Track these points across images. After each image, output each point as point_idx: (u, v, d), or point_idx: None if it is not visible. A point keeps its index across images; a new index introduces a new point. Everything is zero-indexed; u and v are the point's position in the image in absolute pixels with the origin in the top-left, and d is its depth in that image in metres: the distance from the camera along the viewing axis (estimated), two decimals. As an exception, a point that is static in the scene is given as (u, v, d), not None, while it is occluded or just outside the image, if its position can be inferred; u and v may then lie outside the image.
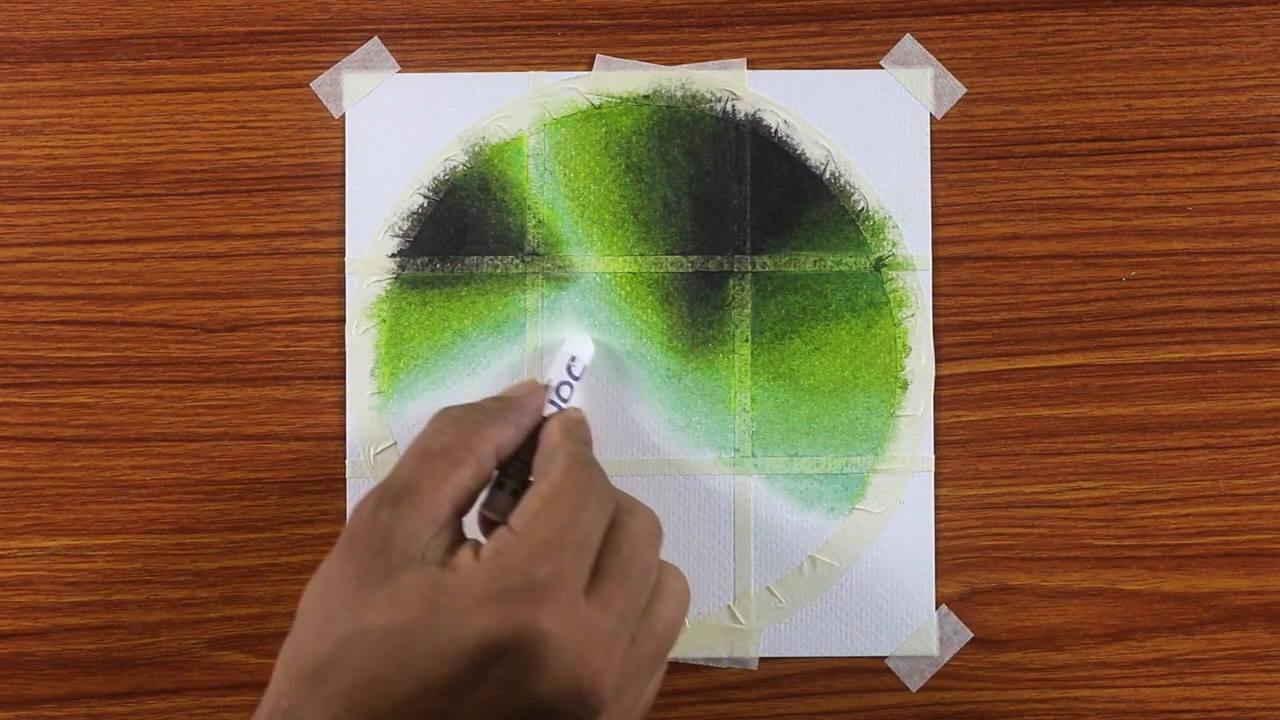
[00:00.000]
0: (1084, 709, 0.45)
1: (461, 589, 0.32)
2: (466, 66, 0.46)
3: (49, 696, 0.45)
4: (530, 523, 0.34)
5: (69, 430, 0.45)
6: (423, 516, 0.34)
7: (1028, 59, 0.46)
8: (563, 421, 0.39)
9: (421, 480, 0.34)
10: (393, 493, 0.34)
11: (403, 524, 0.33)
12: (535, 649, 0.31)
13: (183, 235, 0.45)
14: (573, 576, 0.33)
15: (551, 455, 0.37)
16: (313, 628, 0.33)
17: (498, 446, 0.37)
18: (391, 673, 0.31)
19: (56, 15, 0.46)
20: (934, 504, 0.45)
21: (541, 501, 0.34)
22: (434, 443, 0.36)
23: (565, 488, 0.34)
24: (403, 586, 0.32)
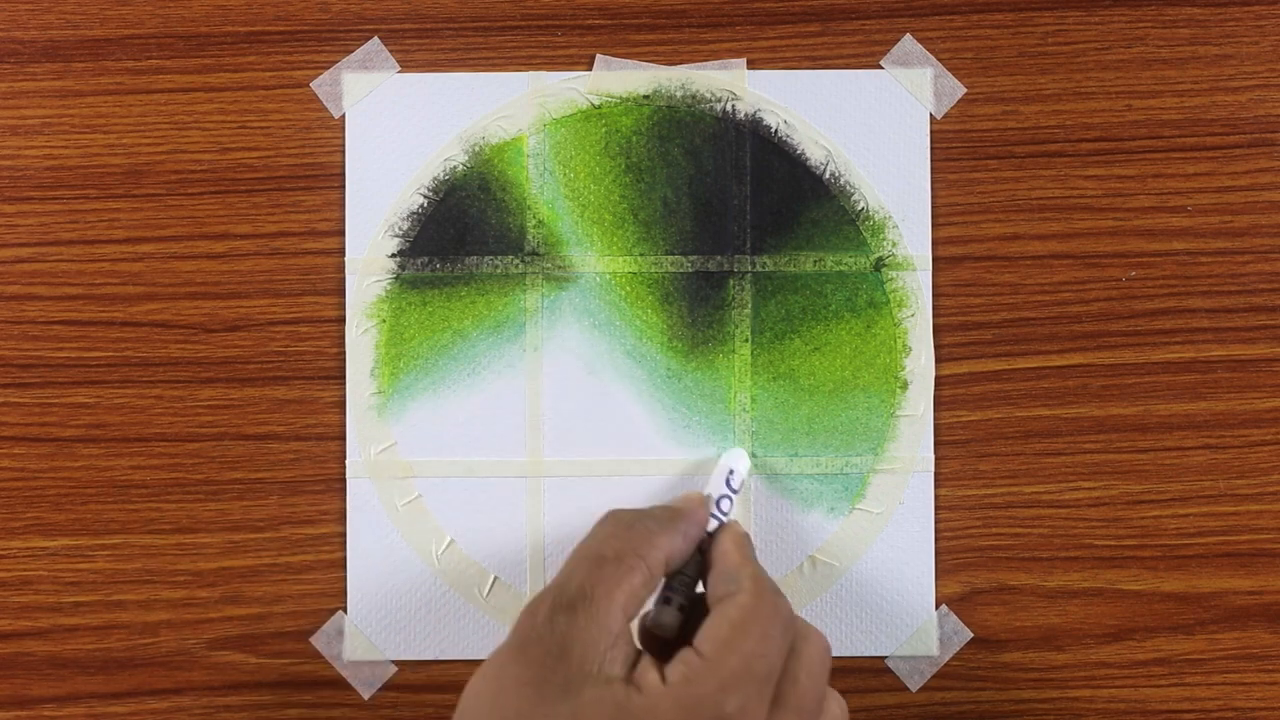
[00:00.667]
0: (1084, 709, 0.45)
1: (650, 713, 0.32)
2: (466, 66, 0.46)
3: (49, 696, 0.45)
4: (720, 651, 0.33)
5: (69, 430, 0.45)
6: (599, 626, 0.33)
7: (1028, 59, 0.46)
8: (735, 539, 0.38)
9: (595, 587, 0.34)
10: (567, 599, 0.33)
11: (580, 633, 0.33)
12: None
13: (183, 235, 0.45)
14: (757, 709, 0.32)
15: (734, 576, 0.36)
16: None
17: (668, 556, 0.36)
18: None
19: (56, 15, 0.46)
20: (934, 504, 0.45)
21: (731, 628, 0.34)
22: (606, 548, 0.35)
23: (755, 614, 0.34)
24: (587, 703, 0.32)
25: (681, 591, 0.37)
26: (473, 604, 0.45)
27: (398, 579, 0.45)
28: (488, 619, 0.45)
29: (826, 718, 0.35)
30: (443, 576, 0.45)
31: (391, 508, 0.45)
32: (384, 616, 0.45)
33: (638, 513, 0.37)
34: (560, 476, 0.45)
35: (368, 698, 0.45)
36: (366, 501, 0.45)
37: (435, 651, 0.45)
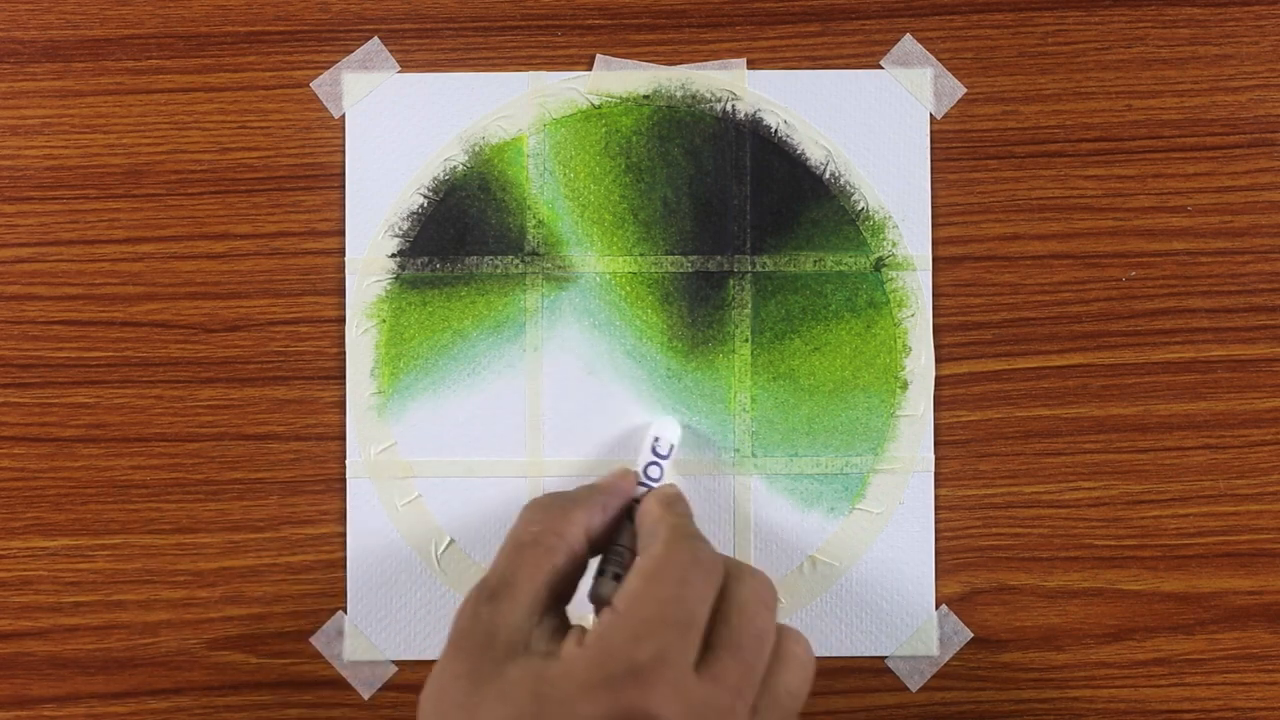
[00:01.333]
0: (1084, 709, 0.45)
1: (566, 677, 0.32)
2: (466, 66, 0.46)
3: (49, 696, 0.45)
4: (632, 603, 0.33)
5: (69, 430, 0.45)
6: (522, 608, 0.34)
7: (1028, 59, 0.46)
8: (659, 497, 0.39)
9: (516, 572, 0.34)
10: (489, 589, 0.34)
11: (504, 617, 0.33)
12: None
13: (183, 235, 0.45)
14: (679, 654, 0.32)
15: (652, 531, 0.36)
16: None
17: (587, 529, 0.37)
18: None
19: (56, 15, 0.46)
20: (934, 504, 0.45)
21: (643, 579, 0.34)
22: (524, 533, 0.36)
23: (666, 562, 0.34)
24: (510, 681, 0.32)
25: (617, 562, 0.37)
26: (473, 604, 0.45)
27: (398, 579, 0.45)
28: (488, 619, 0.45)
29: (782, 655, 0.34)
30: (443, 576, 0.45)
31: (391, 508, 0.45)
32: (384, 616, 0.45)
33: (555, 495, 0.38)
34: (560, 476, 0.45)
35: (368, 698, 0.45)
36: (366, 501, 0.45)
37: (435, 651, 0.45)
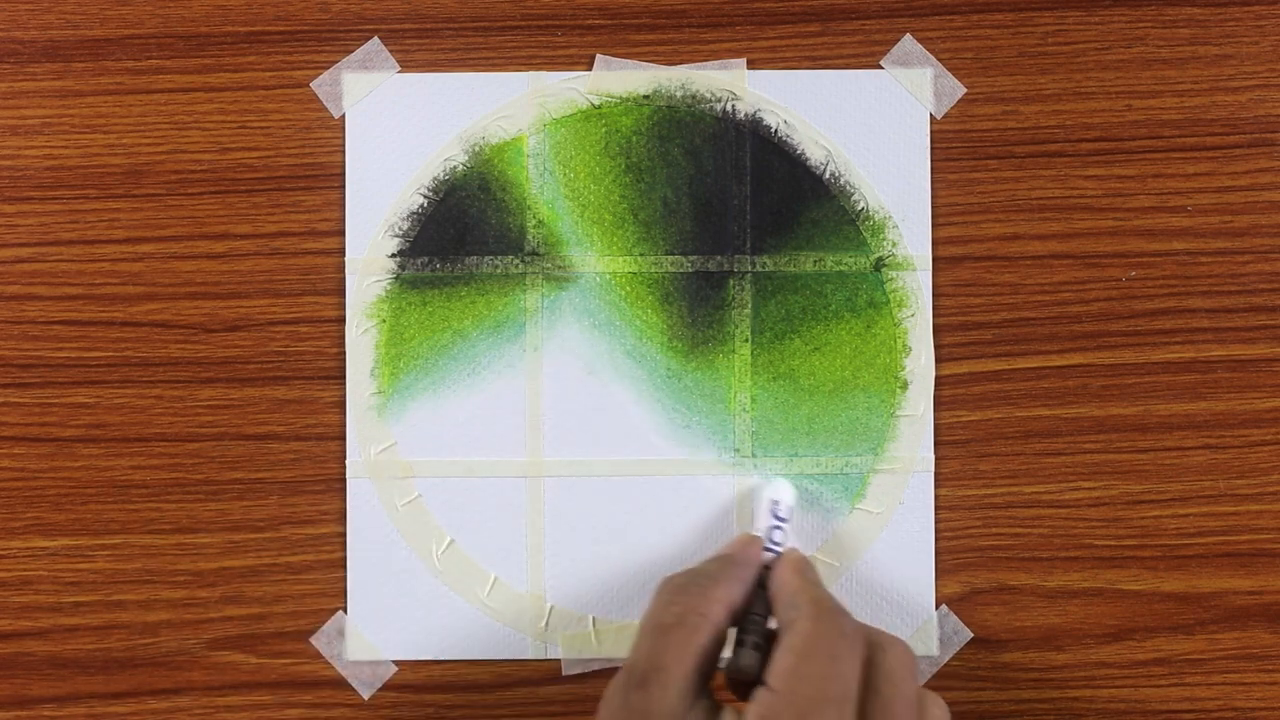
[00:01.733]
0: (1084, 709, 0.45)
1: None
2: (466, 66, 0.46)
3: (49, 696, 0.45)
4: (789, 681, 0.33)
5: (69, 430, 0.45)
6: (675, 693, 0.33)
7: (1028, 59, 0.46)
8: (792, 565, 0.38)
9: (664, 655, 0.34)
10: (638, 676, 0.34)
11: (656, 704, 0.33)
12: None
13: (183, 235, 0.45)
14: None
15: (793, 603, 0.36)
16: None
17: (728, 606, 0.36)
18: None
19: (56, 15, 0.46)
20: (934, 504, 0.45)
21: (796, 656, 0.34)
22: (666, 615, 0.35)
23: (817, 637, 0.34)
24: None
25: (755, 631, 0.37)
26: (473, 604, 0.45)
27: (398, 579, 0.45)
28: (488, 619, 0.45)
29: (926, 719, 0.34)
30: (443, 576, 0.45)
31: (391, 508, 0.45)
32: (384, 616, 0.45)
33: (690, 572, 0.37)
34: (560, 476, 0.45)
35: (368, 698, 0.45)
36: (366, 501, 0.45)
37: (435, 651, 0.45)
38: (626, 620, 0.45)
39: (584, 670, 0.45)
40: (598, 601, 0.45)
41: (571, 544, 0.45)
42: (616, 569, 0.45)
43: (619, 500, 0.45)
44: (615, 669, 0.45)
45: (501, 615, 0.45)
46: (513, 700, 0.45)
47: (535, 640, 0.45)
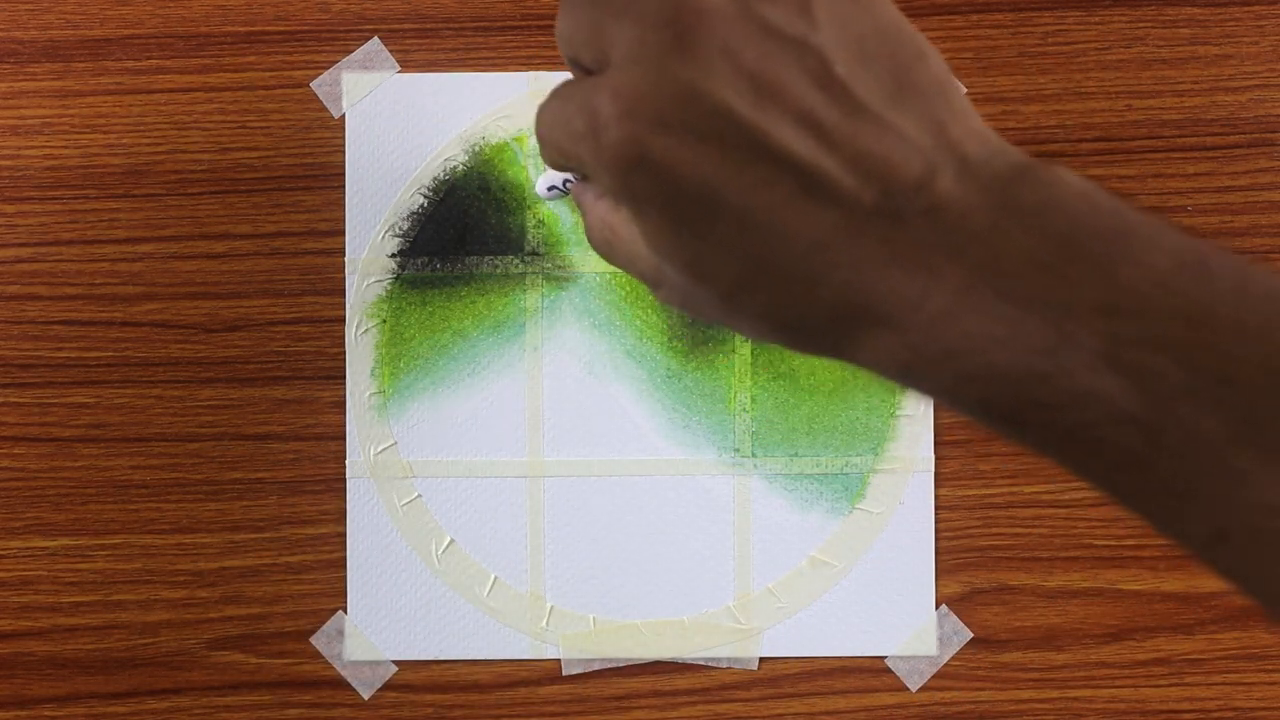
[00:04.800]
0: (1084, 709, 0.45)
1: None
2: (466, 66, 0.46)
3: (49, 696, 0.45)
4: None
5: (69, 430, 0.45)
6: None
7: (1028, 59, 0.46)
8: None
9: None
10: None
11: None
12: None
13: (183, 235, 0.45)
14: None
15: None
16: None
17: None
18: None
19: (56, 15, 0.46)
20: (934, 504, 0.45)
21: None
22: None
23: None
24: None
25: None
26: (473, 604, 0.45)
27: (398, 579, 0.45)
28: (488, 619, 0.45)
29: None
30: (443, 576, 0.45)
31: (391, 508, 0.45)
32: (384, 616, 0.45)
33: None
34: (560, 476, 0.45)
35: (368, 698, 0.45)
36: (366, 501, 0.45)
37: (435, 651, 0.45)
38: (626, 620, 0.45)
39: (584, 670, 0.45)
40: (598, 601, 0.45)
41: (571, 544, 0.45)
42: (616, 569, 0.45)
43: (619, 500, 0.45)
44: (615, 669, 0.45)
45: (501, 615, 0.45)
46: (513, 700, 0.45)
47: (535, 640, 0.45)
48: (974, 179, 0.25)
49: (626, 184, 0.26)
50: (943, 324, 0.24)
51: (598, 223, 0.30)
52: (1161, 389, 0.23)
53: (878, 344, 0.25)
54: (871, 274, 0.24)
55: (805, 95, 0.25)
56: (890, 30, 0.26)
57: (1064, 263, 0.23)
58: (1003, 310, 0.23)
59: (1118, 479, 0.24)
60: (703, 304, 0.27)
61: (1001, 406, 0.24)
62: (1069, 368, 0.23)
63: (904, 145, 0.25)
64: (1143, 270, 0.23)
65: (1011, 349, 0.23)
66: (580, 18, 0.27)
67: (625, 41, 0.26)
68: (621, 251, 0.30)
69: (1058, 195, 0.24)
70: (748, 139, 0.25)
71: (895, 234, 0.24)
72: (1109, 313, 0.23)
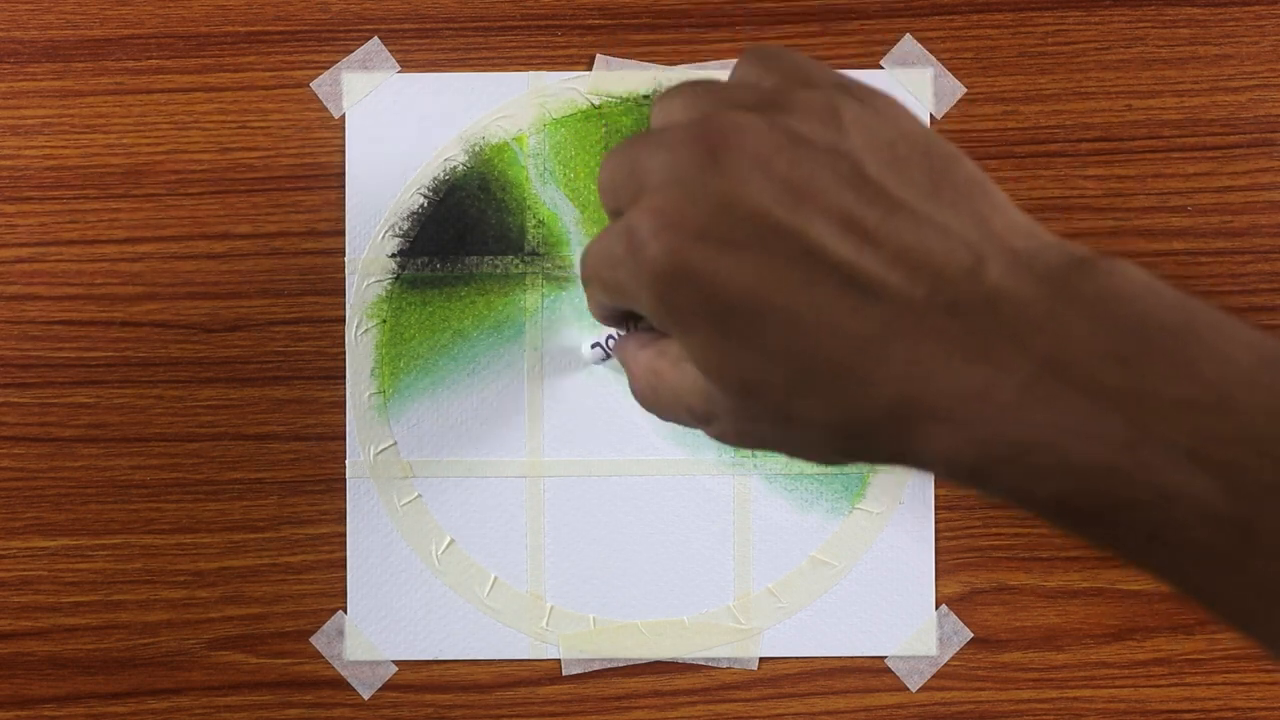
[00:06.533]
0: (1084, 709, 0.45)
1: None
2: (466, 66, 0.46)
3: (49, 696, 0.45)
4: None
5: (69, 430, 0.45)
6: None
7: (1028, 59, 0.46)
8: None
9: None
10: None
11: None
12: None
13: (183, 235, 0.45)
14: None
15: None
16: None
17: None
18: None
19: (56, 15, 0.46)
20: (934, 504, 0.45)
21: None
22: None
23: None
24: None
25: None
26: (473, 604, 0.45)
27: (398, 579, 0.45)
28: (488, 619, 0.45)
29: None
30: (443, 576, 0.45)
31: (391, 508, 0.45)
32: (384, 616, 0.45)
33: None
34: (560, 476, 0.45)
35: (368, 698, 0.45)
36: (366, 501, 0.45)
37: (435, 651, 0.45)
38: (626, 620, 0.45)
39: (584, 670, 0.45)
40: (598, 601, 0.45)
41: (571, 544, 0.45)
42: (616, 569, 0.45)
43: (619, 500, 0.45)
44: (615, 669, 0.45)
45: (501, 615, 0.45)
46: (513, 700, 0.45)
47: (535, 640, 0.45)
48: (1027, 270, 0.24)
49: (669, 299, 0.25)
50: (1010, 417, 0.23)
51: (642, 371, 0.30)
52: (1253, 487, 0.22)
53: (941, 441, 0.24)
54: (929, 366, 0.24)
55: (841, 196, 0.25)
56: (919, 136, 0.26)
57: (1137, 355, 0.23)
58: (1075, 402, 0.23)
59: (1205, 581, 0.23)
60: (758, 425, 0.27)
61: (1079, 505, 0.23)
62: (1151, 464, 0.22)
63: (948, 239, 0.24)
64: (1224, 365, 0.22)
65: (1087, 443, 0.23)
66: (619, 161, 0.27)
67: (659, 168, 0.26)
68: (667, 393, 0.29)
69: (1120, 286, 0.24)
70: (788, 241, 0.25)
71: (950, 326, 0.24)
72: (1191, 408, 0.22)
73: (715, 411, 0.28)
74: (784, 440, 0.27)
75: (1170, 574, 0.24)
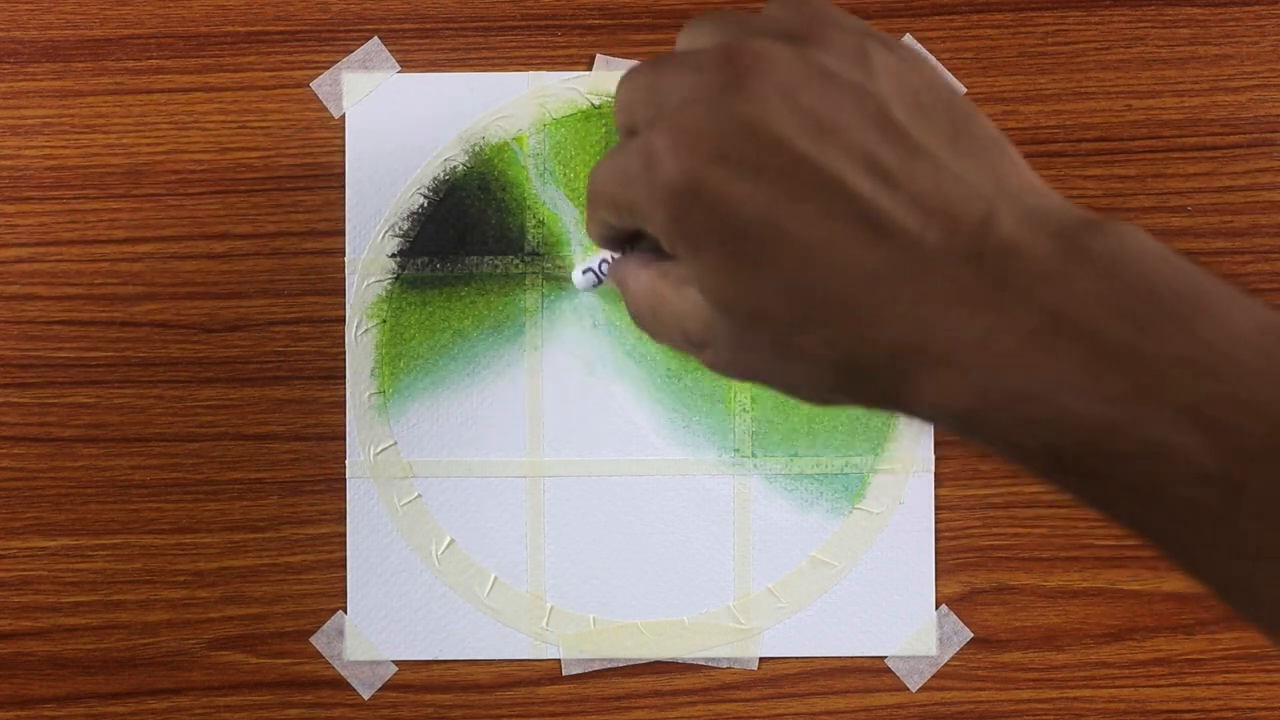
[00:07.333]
0: (1084, 709, 0.45)
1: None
2: (466, 66, 0.46)
3: (49, 696, 0.45)
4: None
5: (69, 430, 0.45)
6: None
7: (1028, 59, 0.46)
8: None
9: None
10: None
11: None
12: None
13: (183, 235, 0.45)
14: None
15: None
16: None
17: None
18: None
19: (56, 15, 0.46)
20: (934, 504, 0.45)
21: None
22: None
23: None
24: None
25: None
26: (473, 604, 0.45)
27: (398, 579, 0.45)
28: (488, 619, 0.45)
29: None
30: (443, 576, 0.45)
31: (391, 508, 0.45)
32: (384, 616, 0.45)
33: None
34: (560, 476, 0.45)
35: (368, 698, 0.45)
36: (366, 501, 0.45)
37: (435, 651, 0.45)
38: (626, 620, 0.45)
39: (584, 670, 0.45)
40: (598, 601, 0.45)
41: (571, 544, 0.45)
42: (616, 569, 0.45)
43: (619, 500, 0.45)
44: (615, 669, 0.45)
45: (501, 615, 0.45)
46: (513, 700, 0.45)
47: (535, 640, 0.45)
48: (1039, 226, 0.24)
49: (682, 219, 0.25)
50: (1011, 365, 0.23)
51: (642, 290, 0.30)
52: (1246, 446, 0.22)
53: (939, 385, 0.24)
54: (935, 310, 0.24)
55: (865, 135, 0.25)
56: (943, 88, 0.26)
57: (1141, 313, 0.23)
58: (1077, 355, 0.23)
59: (1191, 540, 0.24)
60: (754, 355, 0.27)
61: (1069, 455, 0.24)
62: (1146, 419, 0.23)
63: (964, 188, 0.25)
64: (1225, 329, 0.23)
65: (1084, 395, 0.23)
66: (638, 81, 0.27)
67: (681, 87, 0.26)
68: (667, 315, 0.29)
69: (1130, 248, 0.24)
70: (807, 172, 0.25)
71: (960, 272, 0.24)
72: (1190, 367, 0.23)
73: (713, 338, 0.27)
74: (778, 373, 0.27)
75: (1155, 533, 0.24)
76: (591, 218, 0.30)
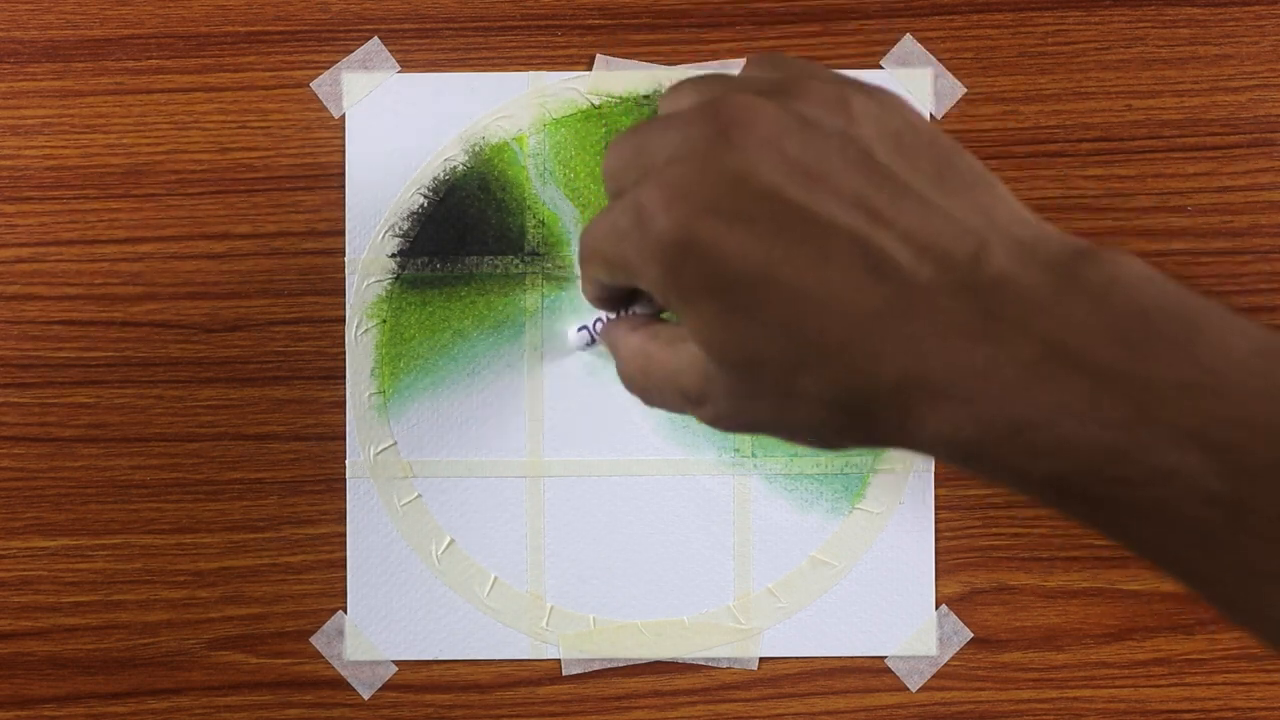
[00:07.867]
0: (1084, 709, 0.45)
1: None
2: (466, 66, 0.46)
3: (49, 696, 0.45)
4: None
5: (69, 430, 0.45)
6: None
7: (1028, 59, 0.46)
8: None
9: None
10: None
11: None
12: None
13: (183, 235, 0.45)
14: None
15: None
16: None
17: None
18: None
19: (56, 15, 0.46)
20: (934, 504, 0.45)
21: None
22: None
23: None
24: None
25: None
26: (473, 604, 0.45)
27: (398, 579, 0.45)
28: (488, 619, 0.45)
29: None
30: (443, 577, 0.45)
31: (391, 508, 0.45)
32: (384, 616, 0.45)
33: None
34: (560, 476, 0.45)
35: (368, 698, 0.45)
36: (366, 501, 0.45)
37: (435, 651, 0.45)
38: (626, 620, 0.45)
39: (584, 670, 0.45)
40: (598, 601, 0.45)
41: (571, 544, 0.45)
42: (616, 569, 0.45)
43: (619, 500, 0.45)
44: (615, 669, 0.45)
45: (501, 615, 0.45)
46: (513, 700, 0.45)
47: (535, 640, 0.45)
48: (1031, 257, 0.25)
49: (676, 272, 0.26)
50: (1012, 395, 0.24)
51: (632, 353, 0.30)
52: (1248, 466, 0.22)
53: (942, 417, 0.24)
54: (934, 344, 0.24)
55: (852, 179, 0.25)
56: (923, 129, 0.27)
57: (1138, 339, 0.23)
58: (1076, 382, 0.23)
59: (1196, 560, 0.24)
60: (755, 403, 0.27)
61: (1074, 482, 0.24)
62: (1149, 443, 0.23)
63: (954, 224, 0.25)
64: (1223, 351, 0.23)
65: (1086, 422, 0.23)
66: (624, 145, 0.28)
67: (667, 146, 0.26)
68: (659, 376, 0.29)
69: (1124, 275, 0.24)
70: (800, 217, 0.25)
71: (955, 307, 0.24)
72: (1190, 391, 0.23)
73: (711, 391, 0.28)
74: (781, 420, 0.27)
75: (1160, 554, 0.24)
76: (585, 277, 0.30)
